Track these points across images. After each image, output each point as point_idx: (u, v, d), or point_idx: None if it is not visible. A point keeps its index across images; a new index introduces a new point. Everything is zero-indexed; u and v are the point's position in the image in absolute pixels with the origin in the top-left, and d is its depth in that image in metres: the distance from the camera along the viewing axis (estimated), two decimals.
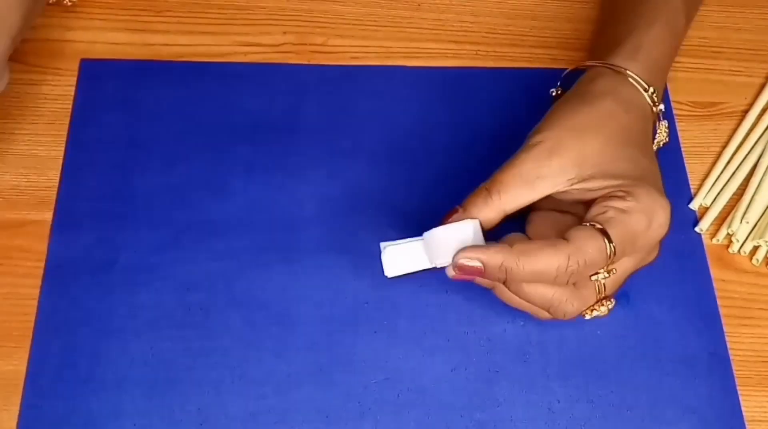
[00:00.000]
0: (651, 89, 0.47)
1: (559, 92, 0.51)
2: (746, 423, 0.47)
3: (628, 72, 0.47)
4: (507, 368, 0.47)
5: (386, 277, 0.43)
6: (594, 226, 0.42)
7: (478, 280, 0.44)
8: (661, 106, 0.48)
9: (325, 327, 0.48)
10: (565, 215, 0.46)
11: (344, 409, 0.46)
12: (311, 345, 0.47)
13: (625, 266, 0.44)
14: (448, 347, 0.48)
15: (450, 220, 0.44)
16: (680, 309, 0.50)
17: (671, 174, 0.54)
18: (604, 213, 0.42)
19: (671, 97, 0.57)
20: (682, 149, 0.55)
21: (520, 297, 0.44)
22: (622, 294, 0.50)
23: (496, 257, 0.41)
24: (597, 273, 0.43)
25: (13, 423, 0.45)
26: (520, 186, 0.44)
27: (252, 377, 0.46)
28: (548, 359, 0.48)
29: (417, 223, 0.49)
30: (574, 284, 0.43)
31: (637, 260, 0.45)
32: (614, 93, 0.46)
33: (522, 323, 0.49)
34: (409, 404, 0.46)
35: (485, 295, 0.49)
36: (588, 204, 0.44)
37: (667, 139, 0.50)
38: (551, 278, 0.42)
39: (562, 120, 0.45)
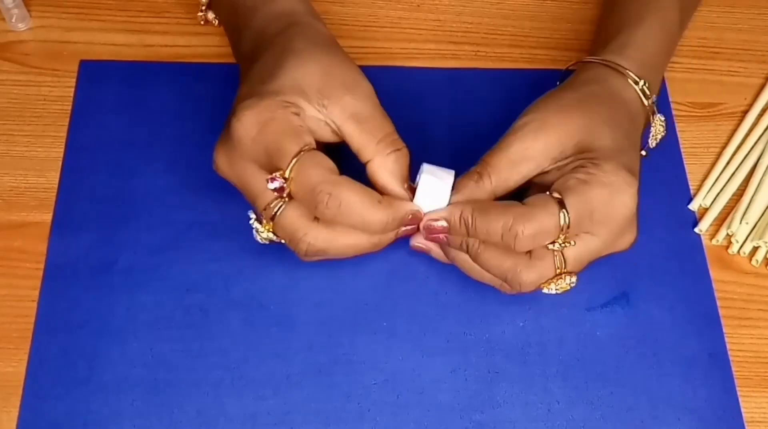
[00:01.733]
0: (642, 82, 0.47)
1: None
2: (746, 424, 0.47)
3: (617, 65, 0.47)
4: (506, 369, 0.47)
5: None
6: (551, 194, 0.42)
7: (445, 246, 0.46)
8: (654, 98, 0.48)
9: (324, 328, 0.48)
10: None
11: (344, 410, 0.46)
12: (310, 346, 0.47)
13: (588, 244, 0.44)
14: (447, 348, 0.48)
15: None
16: (680, 310, 0.50)
17: (670, 174, 0.54)
18: (565, 182, 0.43)
19: (670, 98, 0.57)
20: (681, 150, 0.55)
21: (479, 264, 0.45)
22: (622, 294, 0.50)
23: (455, 210, 0.43)
24: (553, 242, 0.43)
25: (13, 424, 0.45)
26: (509, 167, 0.45)
27: (251, 378, 0.46)
28: (547, 360, 0.48)
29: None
30: (529, 253, 0.44)
31: (603, 241, 0.44)
32: (601, 82, 0.47)
33: (521, 324, 0.49)
34: (408, 405, 0.46)
35: (485, 297, 0.49)
36: None
37: (664, 132, 0.50)
38: (498, 236, 0.42)
39: (548, 103, 0.46)
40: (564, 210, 0.42)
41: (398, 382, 0.47)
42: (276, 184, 0.42)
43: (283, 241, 0.45)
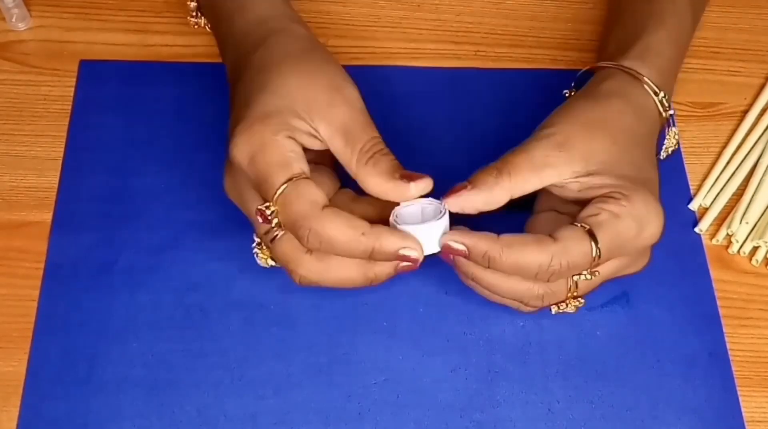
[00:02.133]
0: (662, 94, 0.47)
1: (572, 93, 0.51)
2: (746, 423, 0.47)
3: (639, 74, 0.47)
4: (506, 369, 0.47)
5: None
6: (584, 227, 0.42)
7: (458, 263, 0.44)
8: (671, 111, 0.48)
9: (324, 328, 0.48)
10: (563, 216, 0.45)
11: (344, 409, 0.46)
12: (311, 346, 0.47)
13: (607, 269, 0.44)
14: (447, 348, 0.48)
15: (456, 194, 0.44)
16: (680, 309, 0.50)
17: (671, 174, 0.54)
18: (596, 215, 0.42)
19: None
20: (682, 150, 0.55)
21: (491, 290, 0.45)
22: (622, 294, 0.50)
23: (480, 244, 0.42)
24: (579, 274, 0.43)
25: (13, 424, 0.45)
26: (530, 170, 0.43)
27: (251, 378, 0.46)
28: (548, 360, 0.48)
29: None
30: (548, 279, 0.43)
31: (621, 265, 0.44)
32: (624, 95, 0.46)
33: (521, 324, 0.49)
34: (408, 405, 0.46)
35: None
36: (585, 204, 0.44)
37: (676, 145, 0.50)
38: (532, 274, 0.42)
39: (573, 116, 0.45)
40: (596, 244, 0.41)
41: (398, 382, 0.47)
42: (261, 219, 0.42)
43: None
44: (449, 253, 0.43)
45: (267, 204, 0.42)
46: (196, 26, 0.55)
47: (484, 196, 0.43)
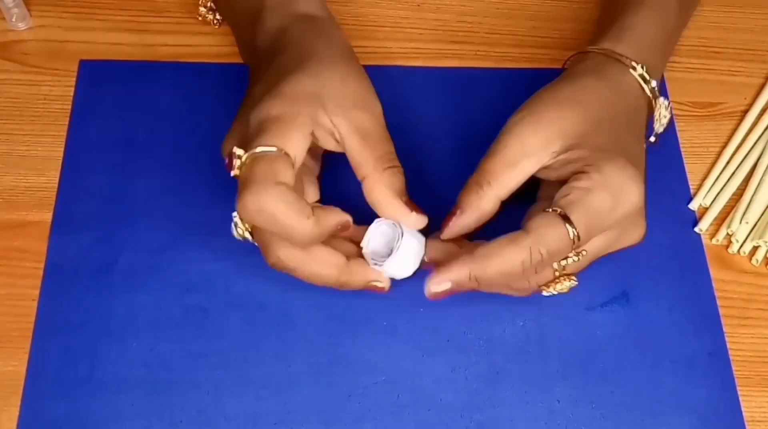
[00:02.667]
0: (640, 66, 0.46)
1: None
2: (746, 423, 0.47)
3: (613, 53, 0.47)
4: (507, 369, 0.47)
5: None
6: (555, 211, 0.41)
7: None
8: (655, 83, 0.47)
9: (324, 328, 0.48)
10: (542, 203, 0.45)
11: (344, 409, 0.46)
12: (311, 346, 0.47)
13: (595, 246, 0.43)
14: (447, 348, 0.48)
15: (450, 224, 0.44)
16: (680, 309, 0.50)
17: (671, 174, 0.54)
18: (567, 195, 0.42)
19: (671, 98, 0.57)
20: (682, 149, 0.55)
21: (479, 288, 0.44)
22: (622, 294, 0.50)
23: (462, 272, 0.42)
24: (566, 257, 0.43)
25: (13, 424, 0.45)
26: (507, 168, 0.43)
27: (251, 378, 0.46)
28: (548, 360, 0.48)
29: None
30: None
31: (610, 240, 0.44)
32: (598, 71, 0.46)
33: (522, 323, 0.49)
34: (408, 405, 0.46)
35: (485, 296, 0.49)
36: None
37: (669, 115, 0.49)
38: (519, 273, 0.42)
39: (542, 97, 0.46)
40: (571, 226, 0.41)
41: (398, 382, 0.47)
42: (227, 160, 0.42)
43: (255, 244, 0.45)
44: (439, 298, 0.43)
45: (240, 151, 0.41)
46: (200, 18, 0.55)
47: (475, 214, 0.44)
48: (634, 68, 0.47)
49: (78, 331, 0.47)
